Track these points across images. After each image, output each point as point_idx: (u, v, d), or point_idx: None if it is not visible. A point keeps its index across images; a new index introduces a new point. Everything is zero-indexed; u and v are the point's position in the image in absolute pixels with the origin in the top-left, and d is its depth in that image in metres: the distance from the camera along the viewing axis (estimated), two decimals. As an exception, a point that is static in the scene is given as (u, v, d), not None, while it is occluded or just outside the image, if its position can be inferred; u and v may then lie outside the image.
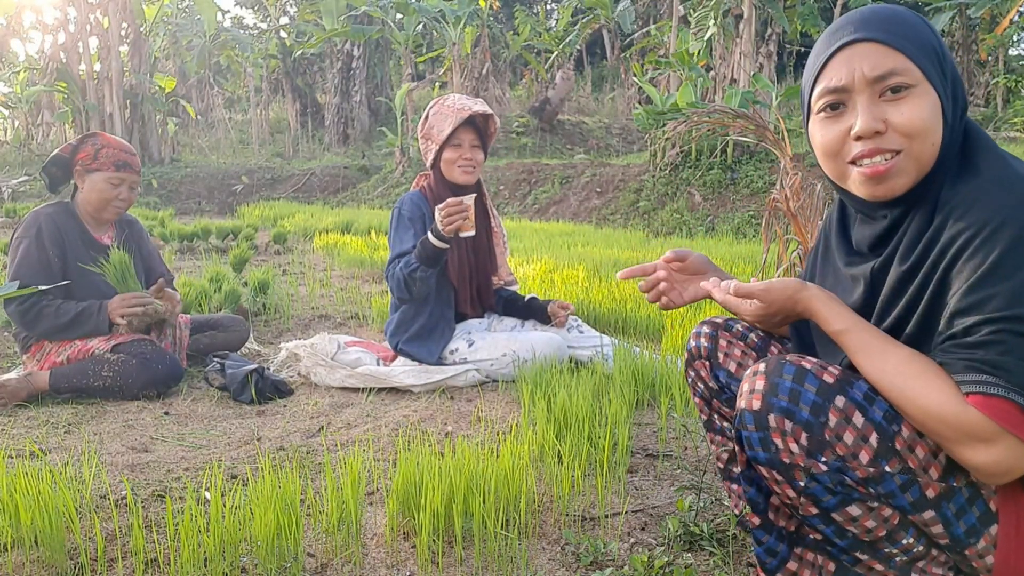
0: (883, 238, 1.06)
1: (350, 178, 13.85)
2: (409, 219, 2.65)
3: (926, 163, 0.98)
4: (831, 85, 1.01)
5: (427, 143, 2.71)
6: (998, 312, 0.87)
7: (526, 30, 18.61)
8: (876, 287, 1.06)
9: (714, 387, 1.34)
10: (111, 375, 2.45)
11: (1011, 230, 0.88)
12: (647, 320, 3.27)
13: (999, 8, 12.27)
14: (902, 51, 0.96)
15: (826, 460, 0.95)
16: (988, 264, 0.88)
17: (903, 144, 0.97)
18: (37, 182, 12.74)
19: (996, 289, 0.87)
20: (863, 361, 0.97)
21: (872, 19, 0.99)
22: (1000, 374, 0.86)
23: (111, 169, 2.62)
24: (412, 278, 2.52)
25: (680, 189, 8.71)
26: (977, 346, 0.88)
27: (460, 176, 2.70)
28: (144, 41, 14.36)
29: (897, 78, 0.96)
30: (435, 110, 2.69)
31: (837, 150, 1.03)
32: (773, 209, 3.27)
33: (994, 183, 0.93)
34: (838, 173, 1.05)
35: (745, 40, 10.00)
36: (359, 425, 2.25)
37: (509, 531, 1.48)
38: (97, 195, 2.62)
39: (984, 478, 0.90)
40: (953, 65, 1.00)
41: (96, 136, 2.67)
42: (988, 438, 0.86)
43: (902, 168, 0.98)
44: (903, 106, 0.96)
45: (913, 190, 1.01)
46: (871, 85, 0.97)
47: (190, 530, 1.32)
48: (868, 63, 0.97)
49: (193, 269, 5.48)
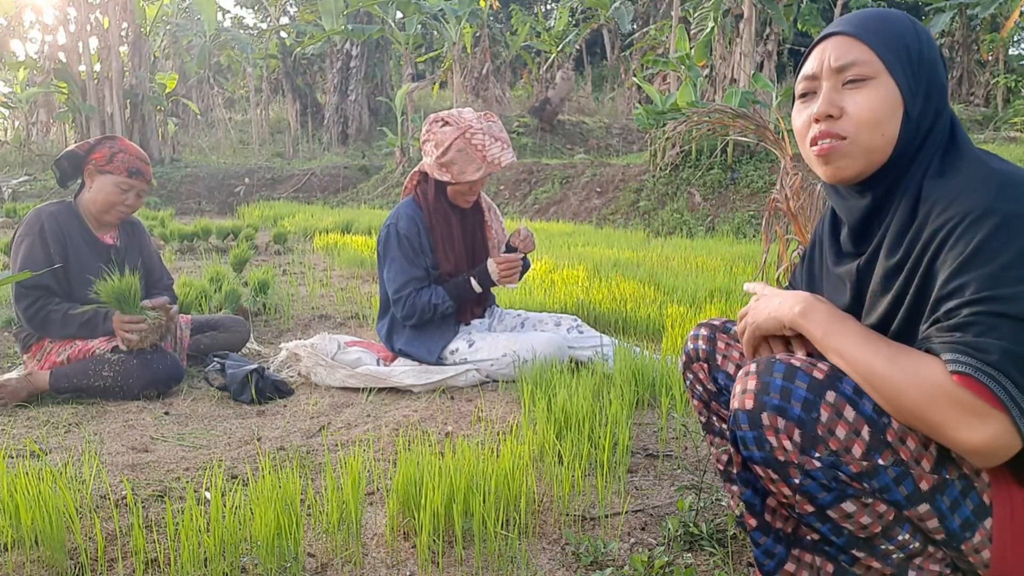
0: (863, 233, 1.11)
1: (350, 178, 13.85)
2: (407, 237, 2.62)
3: (875, 152, 1.03)
4: (805, 73, 1.10)
5: (442, 170, 2.57)
6: (976, 294, 0.88)
7: (524, 30, 18.61)
8: (862, 284, 1.09)
9: (712, 389, 1.35)
10: (112, 375, 2.46)
11: (992, 218, 0.91)
12: (647, 320, 3.27)
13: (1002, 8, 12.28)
14: (868, 44, 1.03)
15: (819, 456, 0.96)
16: (969, 250, 0.91)
17: (849, 131, 1.03)
18: (37, 182, 12.75)
19: (976, 273, 0.89)
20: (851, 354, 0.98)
21: (855, 17, 1.07)
22: (977, 355, 0.87)
23: (123, 174, 2.63)
24: (437, 313, 2.60)
25: (680, 189, 8.71)
26: (956, 328, 0.89)
27: (462, 202, 2.71)
28: (144, 41, 14.36)
29: (856, 69, 1.03)
30: (460, 145, 2.52)
31: (804, 133, 1.10)
32: (773, 209, 3.27)
33: (976, 178, 0.96)
34: (807, 157, 1.12)
35: (745, 40, 9.99)
36: (359, 425, 2.25)
37: (509, 531, 1.48)
38: (104, 197, 2.62)
39: (979, 460, 0.89)
40: (933, 69, 1.04)
41: (115, 140, 2.67)
42: (982, 413, 0.86)
43: (846, 152, 1.04)
44: (858, 95, 1.03)
45: (874, 179, 1.06)
46: (835, 74, 1.04)
47: (190, 530, 1.33)
48: (835, 53, 1.05)
49: (193, 269, 5.48)
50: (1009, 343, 0.86)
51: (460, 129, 2.53)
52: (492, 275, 2.64)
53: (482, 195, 2.85)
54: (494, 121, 2.62)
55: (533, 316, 2.93)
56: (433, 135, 2.59)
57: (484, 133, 2.54)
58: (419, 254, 2.64)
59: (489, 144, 2.53)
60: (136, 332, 2.49)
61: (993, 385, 0.85)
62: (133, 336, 2.49)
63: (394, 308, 2.66)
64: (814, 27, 12.64)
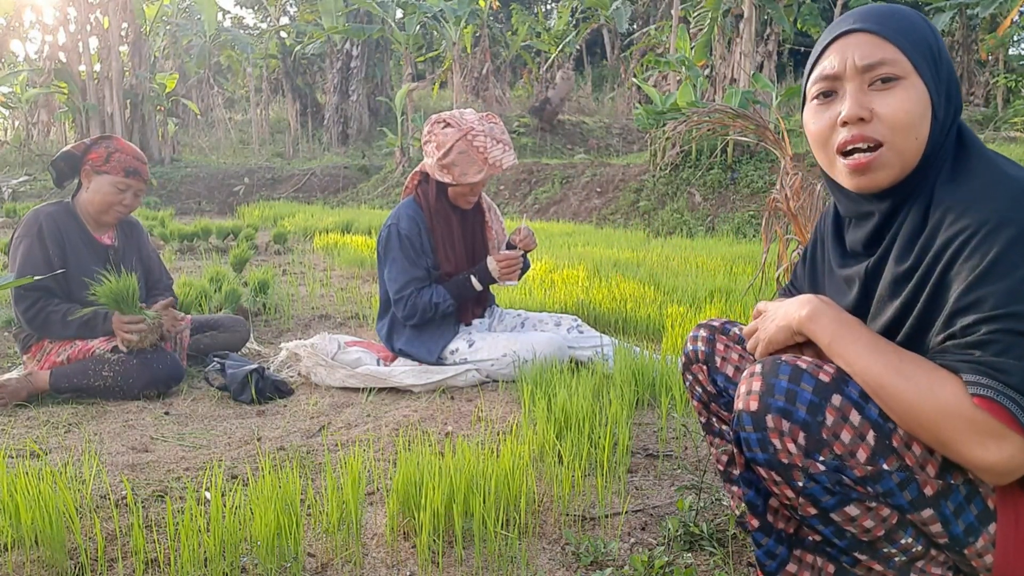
0: (875, 237, 1.07)
1: (350, 178, 13.85)
2: (408, 237, 2.62)
3: (910, 158, 1.00)
4: (824, 72, 1.03)
5: (443, 172, 2.58)
6: (995, 311, 0.87)
7: (523, 30, 18.61)
8: (870, 287, 1.07)
9: (712, 391, 1.34)
10: (112, 375, 2.45)
11: (1009, 230, 0.89)
12: (647, 320, 3.27)
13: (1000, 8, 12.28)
14: (895, 43, 0.98)
15: (824, 459, 0.95)
16: (986, 263, 0.89)
17: (885, 135, 0.98)
18: (37, 182, 12.75)
19: (993, 288, 0.88)
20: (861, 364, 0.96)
21: (871, 13, 1.02)
22: (998, 376, 0.86)
23: (120, 174, 2.62)
24: (439, 312, 2.61)
25: (680, 189, 8.71)
26: (975, 346, 0.88)
27: (463, 203, 2.71)
28: (144, 41, 14.36)
29: (886, 68, 0.98)
30: (461, 147, 2.52)
31: (826, 137, 1.04)
32: (773, 209, 3.27)
33: (990, 185, 0.94)
34: (827, 162, 1.07)
35: (745, 40, 9.99)
36: (359, 425, 2.25)
37: (509, 531, 1.48)
38: (101, 197, 2.62)
39: (990, 478, 0.89)
40: (950, 67, 1.01)
41: (111, 139, 2.67)
42: (1000, 435, 0.86)
43: (885, 161, 0.99)
44: (890, 97, 0.98)
45: (900, 185, 1.02)
46: (861, 74, 0.99)
47: (190, 530, 1.33)
48: (860, 52, 0.99)
49: (193, 269, 5.48)
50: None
51: (462, 131, 2.53)
52: (492, 272, 2.64)
53: (483, 195, 2.85)
54: (496, 123, 2.61)
55: (533, 316, 2.93)
56: (435, 136, 2.58)
57: (486, 135, 2.54)
58: (420, 254, 2.64)
59: (491, 146, 2.53)
60: (136, 332, 2.49)
61: (1015, 408, 0.85)
62: (133, 336, 2.49)
63: (395, 308, 2.66)
64: (814, 27, 12.63)
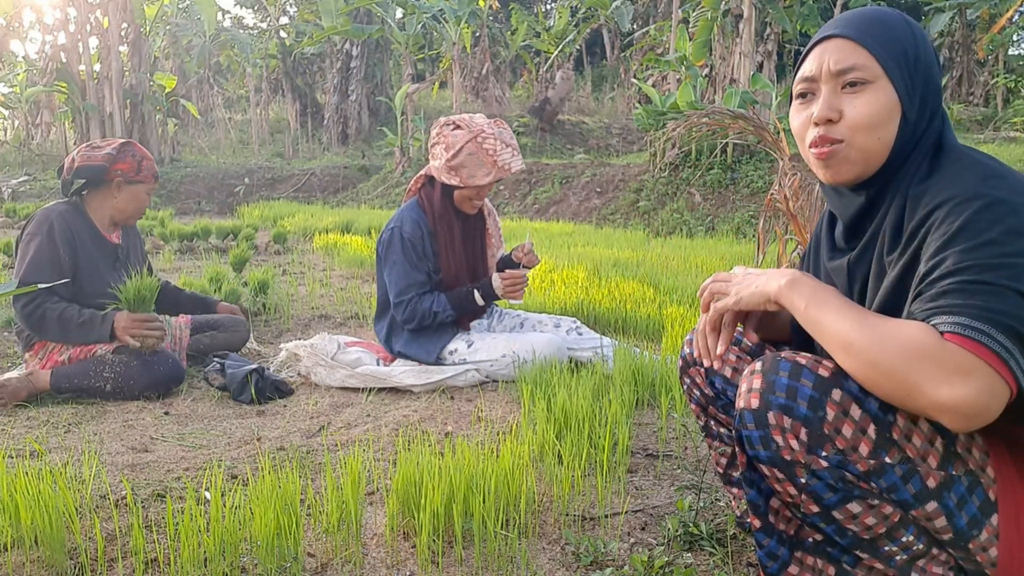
0: (855, 231, 1.13)
1: (350, 178, 13.85)
2: (411, 241, 2.62)
3: (873, 156, 1.05)
4: (804, 74, 1.10)
5: (451, 174, 2.56)
6: (957, 265, 0.89)
7: (523, 29, 18.61)
8: (852, 279, 1.12)
9: (710, 393, 1.34)
10: (113, 376, 2.46)
11: (976, 202, 0.92)
12: (647, 320, 3.27)
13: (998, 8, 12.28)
14: (868, 49, 1.03)
15: (826, 455, 0.95)
16: (953, 230, 0.92)
17: (846, 135, 1.05)
18: (37, 182, 12.75)
19: (958, 248, 0.90)
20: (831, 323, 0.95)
21: (853, 19, 1.07)
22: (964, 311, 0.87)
23: (152, 180, 2.72)
24: (436, 320, 2.62)
25: (680, 189, 8.72)
26: (940, 296, 0.90)
27: (468, 208, 2.70)
28: (144, 41, 14.36)
29: (856, 73, 1.03)
30: (471, 149, 2.52)
31: (803, 135, 1.11)
32: (772, 209, 3.27)
33: (961, 170, 0.99)
34: (805, 156, 1.13)
35: (745, 40, 9.99)
36: (359, 425, 2.25)
37: (509, 531, 1.48)
38: (136, 205, 2.70)
39: (955, 421, 0.86)
40: (929, 72, 1.05)
41: (131, 146, 2.69)
42: (968, 370, 0.84)
43: (844, 156, 1.05)
44: (857, 100, 1.04)
45: (872, 180, 1.07)
46: (835, 77, 1.05)
47: (190, 530, 1.33)
48: (835, 57, 1.05)
49: (193, 269, 5.48)
50: (993, 302, 0.86)
51: (472, 133, 2.53)
52: (497, 290, 2.64)
53: (485, 201, 2.85)
54: (505, 128, 2.63)
55: (532, 317, 2.93)
56: (444, 138, 2.58)
57: (496, 138, 2.54)
58: (422, 259, 2.64)
59: (500, 149, 2.53)
60: (157, 331, 2.51)
61: (985, 339, 0.85)
62: (153, 334, 2.50)
63: (394, 311, 2.66)
64: (814, 27, 12.63)
